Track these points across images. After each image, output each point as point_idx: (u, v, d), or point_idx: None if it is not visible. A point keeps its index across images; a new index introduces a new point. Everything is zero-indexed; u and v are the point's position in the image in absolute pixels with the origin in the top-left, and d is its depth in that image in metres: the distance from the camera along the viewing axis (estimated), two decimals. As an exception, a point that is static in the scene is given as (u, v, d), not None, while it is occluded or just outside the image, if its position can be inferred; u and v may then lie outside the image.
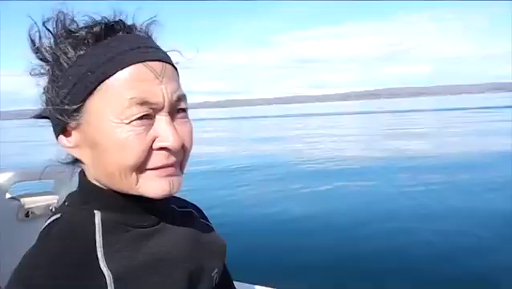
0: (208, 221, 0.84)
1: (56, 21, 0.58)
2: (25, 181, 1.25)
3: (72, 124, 0.58)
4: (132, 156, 0.56)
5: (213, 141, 16.76)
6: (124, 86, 0.55)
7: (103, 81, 0.56)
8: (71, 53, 0.57)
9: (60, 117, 0.57)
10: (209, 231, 0.79)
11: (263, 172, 8.88)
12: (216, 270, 0.74)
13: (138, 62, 0.57)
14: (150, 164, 0.58)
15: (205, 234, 0.76)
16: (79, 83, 0.56)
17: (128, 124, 0.55)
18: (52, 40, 0.59)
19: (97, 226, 0.59)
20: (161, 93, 0.57)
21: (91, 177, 0.62)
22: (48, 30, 0.59)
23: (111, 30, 0.59)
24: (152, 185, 0.59)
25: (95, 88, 0.56)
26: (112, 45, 0.57)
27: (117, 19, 0.60)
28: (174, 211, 0.73)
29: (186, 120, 0.63)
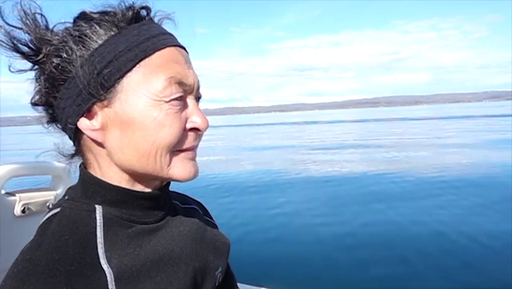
0: (212, 218, 0.83)
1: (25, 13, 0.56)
2: (21, 176, 1.19)
3: (105, 102, 0.56)
4: (171, 134, 0.57)
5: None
6: (163, 66, 0.57)
7: (142, 59, 0.56)
8: (101, 32, 0.56)
9: (95, 93, 0.55)
10: (212, 229, 0.78)
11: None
12: (220, 269, 0.72)
13: (172, 45, 0.59)
14: (182, 145, 0.59)
15: (209, 231, 0.75)
16: (115, 60, 0.55)
17: (167, 102, 0.56)
18: (30, 30, 0.56)
19: (98, 221, 0.57)
20: (192, 76, 0.60)
21: (109, 163, 0.59)
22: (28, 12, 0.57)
23: (139, 16, 0.59)
24: (181, 168, 0.60)
25: (133, 66, 0.56)
26: (144, 28, 0.58)
27: (144, 5, 0.60)
28: (177, 208, 0.72)
29: None
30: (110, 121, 0.57)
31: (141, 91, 0.56)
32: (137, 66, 0.56)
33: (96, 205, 0.58)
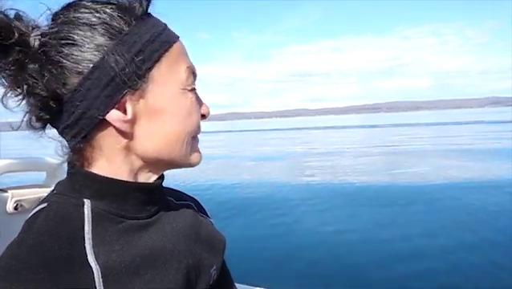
0: (207, 215, 0.81)
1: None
2: (14, 171, 1.15)
3: (137, 92, 0.55)
4: (195, 121, 0.61)
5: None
6: (180, 56, 0.60)
7: (167, 50, 0.58)
8: (121, 21, 0.55)
9: (130, 82, 0.54)
10: (207, 225, 0.75)
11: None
12: (214, 267, 0.70)
13: (178, 38, 0.61)
14: (197, 132, 0.63)
15: (204, 228, 0.73)
16: (144, 49, 0.55)
17: (189, 91, 0.60)
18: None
19: (86, 216, 0.55)
20: (195, 67, 0.63)
21: (125, 155, 0.58)
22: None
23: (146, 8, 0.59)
24: (196, 154, 0.64)
25: (161, 56, 0.57)
26: (155, 20, 0.59)
27: None
28: (171, 204, 0.70)
29: None
30: (140, 111, 0.56)
31: (170, 81, 0.58)
32: (163, 56, 0.57)
33: (85, 199, 0.56)
